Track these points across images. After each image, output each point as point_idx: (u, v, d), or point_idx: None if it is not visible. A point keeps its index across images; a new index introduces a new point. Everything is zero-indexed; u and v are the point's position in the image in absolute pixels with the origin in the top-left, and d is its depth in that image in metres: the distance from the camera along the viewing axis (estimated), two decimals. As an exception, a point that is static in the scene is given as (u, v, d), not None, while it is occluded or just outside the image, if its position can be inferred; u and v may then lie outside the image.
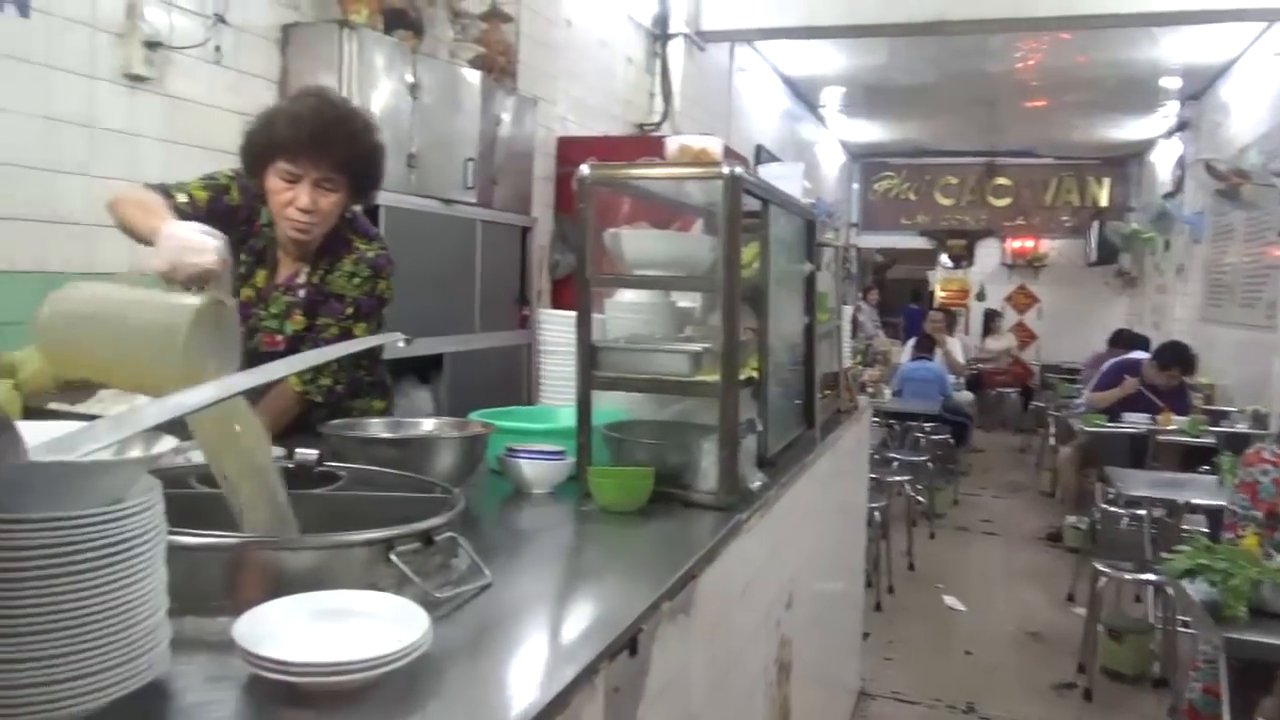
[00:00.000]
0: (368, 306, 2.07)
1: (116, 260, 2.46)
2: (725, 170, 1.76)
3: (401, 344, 1.44)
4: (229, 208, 2.02)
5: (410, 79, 3.36)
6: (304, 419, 2.02)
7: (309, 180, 1.93)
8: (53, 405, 1.96)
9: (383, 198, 3.18)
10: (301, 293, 2.04)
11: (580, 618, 1.26)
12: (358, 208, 2.17)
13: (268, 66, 3.03)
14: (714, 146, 1.99)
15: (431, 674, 0.99)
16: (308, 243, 2.02)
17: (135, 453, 0.95)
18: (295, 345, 2.04)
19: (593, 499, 1.73)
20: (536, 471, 1.83)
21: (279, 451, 1.70)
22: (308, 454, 1.57)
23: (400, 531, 1.20)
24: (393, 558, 1.16)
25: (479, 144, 3.77)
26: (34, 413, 1.78)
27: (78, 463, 0.86)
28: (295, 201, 1.93)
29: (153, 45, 2.53)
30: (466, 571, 1.28)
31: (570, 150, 4.98)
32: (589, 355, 1.87)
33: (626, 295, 2.26)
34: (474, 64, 3.91)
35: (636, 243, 1.99)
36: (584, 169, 1.86)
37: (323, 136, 1.91)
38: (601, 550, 1.59)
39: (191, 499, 1.32)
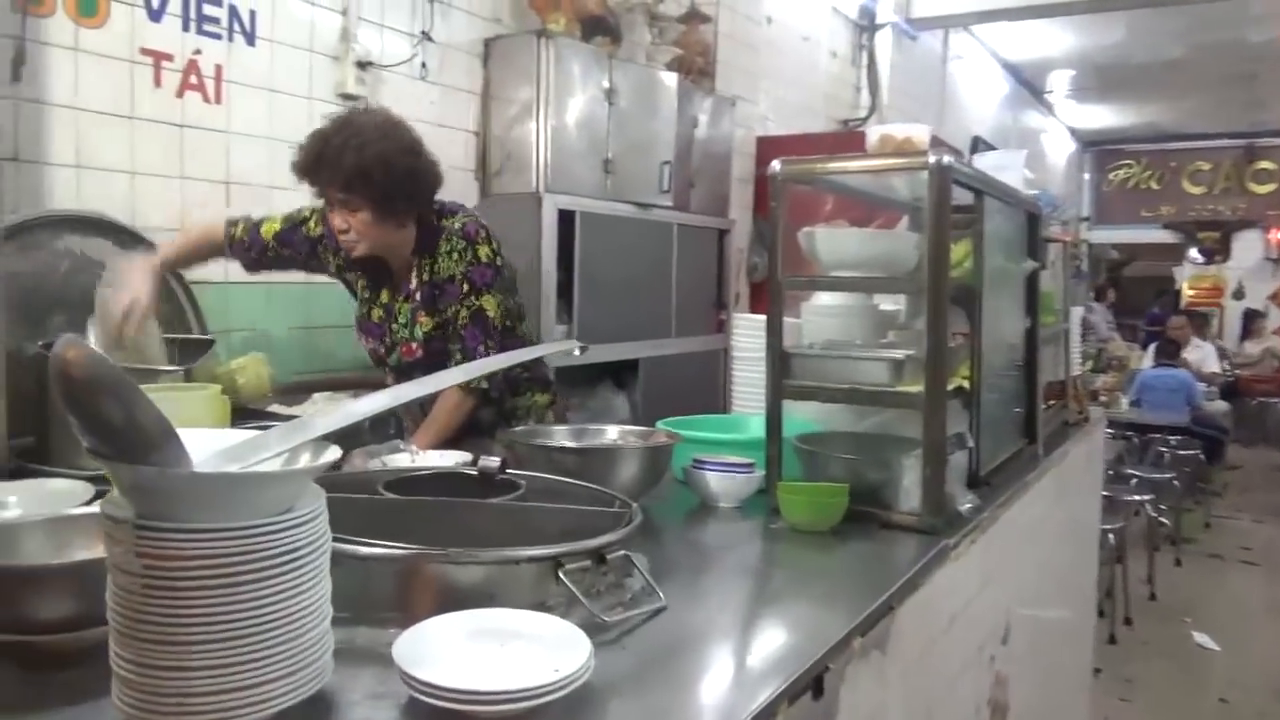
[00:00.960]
0: (480, 277, 2.05)
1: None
2: (932, 160, 1.59)
3: (576, 352, 1.39)
4: (308, 238, 2.13)
5: (606, 84, 3.37)
6: (476, 416, 2.04)
7: (335, 201, 1.98)
8: (272, 408, 2.09)
9: (577, 203, 3.21)
10: (418, 295, 2.07)
11: (760, 651, 1.16)
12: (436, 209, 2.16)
13: (470, 80, 3.13)
14: (920, 135, 1.82)
15: (592, 705, 0.92)
16: (367, 257, 2.05)
17: (304, 461, 0.95)
18: (431, 345, 2.06)
19: (781, 516, 1.61)
20: (723, 485, 1.74)
21: (464, 457, 1.72)
22: (491, 462, 1.57)
23: (570, 549, 1.14)
24: (561, 576, 1.11)
25: (675, 146, 3.73)
26: (252, 415, 1.89)
27: (243, 473, 0.86)
28: (333, 225, 2.00)
29: (364, 65, 2.67)
30: (640, 592, 1.20)
31: (769, 150, 4.86)
32: (780, 362, 1.76)
33: (823, 298, 2.13)
34: (671, 66, 3.88)
35: (832, 241, 1.85)
36: (776, 165, 1.75)
37: (319, 160, 1.94)
38: (789, 574, 1.47)
39: (376, 505, 1.33)
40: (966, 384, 1.81)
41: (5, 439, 1.55)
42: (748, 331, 2.35)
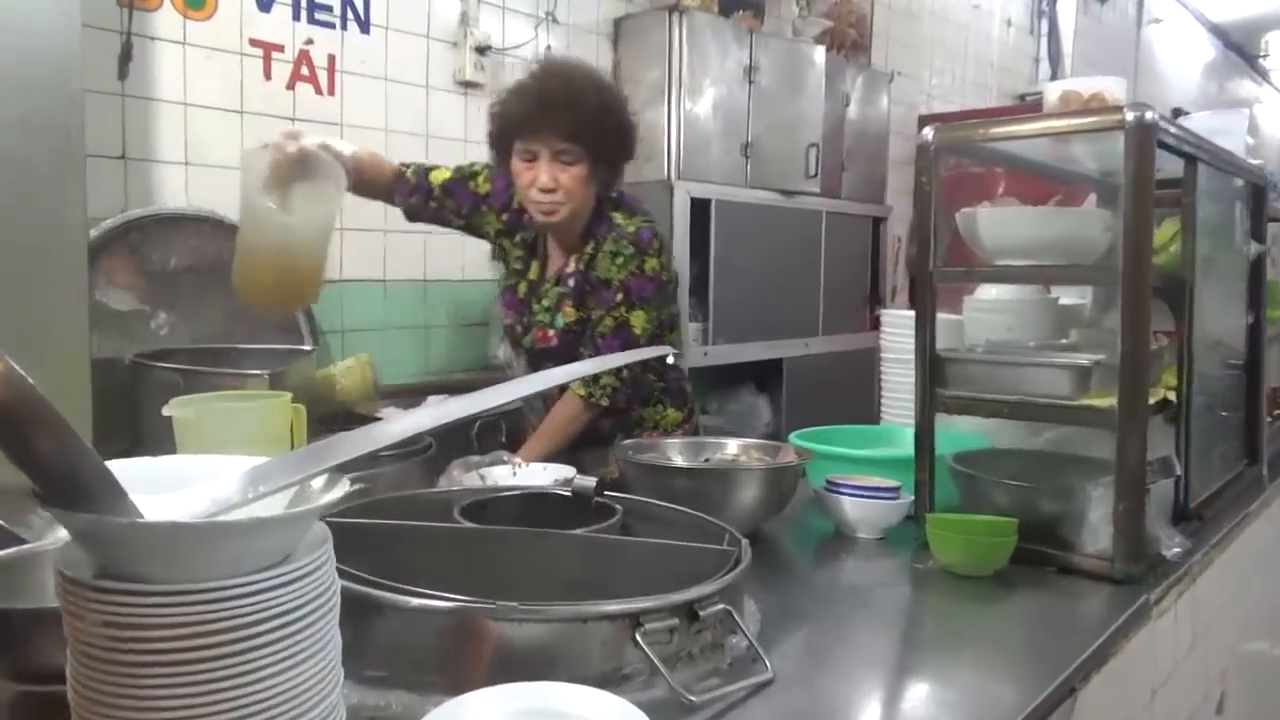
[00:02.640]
0: (639, 290, 1.82)
1: (449, 267, 2.51)
2: (1130, 116, 1.27)
3: (670, 359, 1.17)
4: (474, 194, 1.95)
5: (747, 62, 3.12)
6: (595, 426, 1.84)
7: (545, 155, 1.76)
8: (381, 412, 1.99)
9: (713, 191, 2.98)
10: (571, 282, 1.87)
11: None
12: (614, 194, 1.95)
13: (597, 61, 2.97)
14: (1113, 89, 1.48)
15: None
16: (559, 225, 1.84)
17: (314, 495, 0.78)
18: (568, 339, 1.87)
19: (932, 555, 1.34)
20: (861, 512, 1.48)
21: (566, 474, 1.54)
22: (586, 482, 1.37)
23: (652, 604, 0.93)
24: (639, 640, 0.89)
25: (824, 128, 3.44)
26: (351, 418, 1.79)
27: (202, 523, 0.69)
28: (536, 181, 1.77)
29: (483, 50, 2.55)
30: (744, 656, 0.98)
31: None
32: (932, 368, 1.49)
33: (990, 291, 1.83)
34: (820, 40, 3.59)
35: (997, 223, 1.55)
36: (928, 132, 1.47)
37: (548, 103, 1.75)
38: (939, 632, 1.20)
39: (448, 535, 1.16)
40: (1172, 396, 1.47)
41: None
42: (899, 330, 2.05)
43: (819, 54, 3.46)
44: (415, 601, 0.90)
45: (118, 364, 1.60)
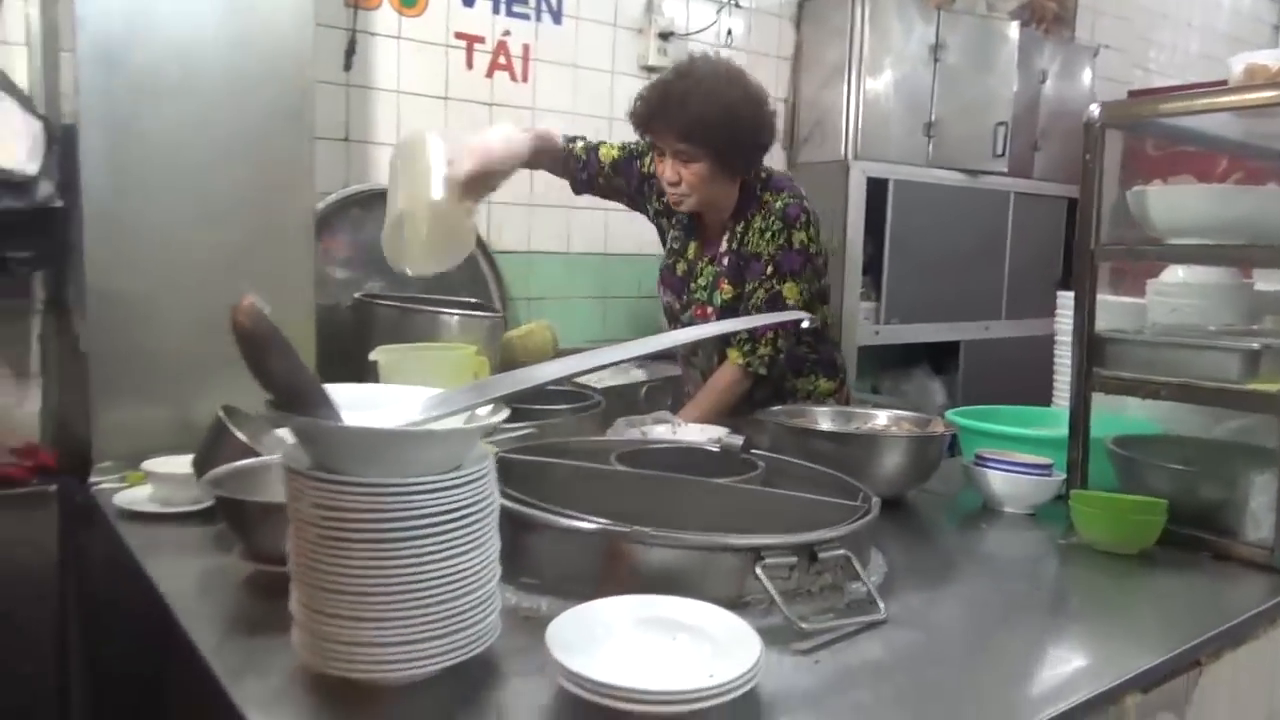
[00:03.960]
0: (788, 263, 1.89)
1: (628, 243, 2.64)
2: (1313, 88, 1.22)
3: (805, 324, 1.24)
4: (640, 173, 2.05)
5: (933, 40, 3.07)
6: (751, 395, 1.93)
7: (669, 154, 1.87)
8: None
9: (891, 170, 2.97)
10: (725, 261, 1.95)
11: (992, 693, 0.94)
12: (764, 175, 2.00)
13: (780, 45, 3.01)
14: (1305, 61, 1.41)
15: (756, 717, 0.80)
16: (700, 211, 1.96)
17: (481, 420, 0.92)
18: (724, 315, 1.95)
19: (1077, 533, 1.34)
20: (1007, 486, 1.49)
21: (717, 433, 1.64)
22: (734, 440, 1.47)
23: (773, 541, 1.02)
24: (759, 572, 0.99)
25: (1015, 106, 3.32)
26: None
27: (395, 430, 0.85)
28: (663, 175, 1.89)
29: (666, 35, 2.66)
30: (861, 600, 1.05)
31: (1144, 106, 4.17)
32: (1090, 347, 1.47)
33: (1178, 273, 1.76)
34: (1017, 15, 3.46)
35: (1169, 201, 1.51)
36: (1093, 109, 1.45)
37: (659, 108, 1.85)
38: (1070, 599, 1.22)
39: (604, 475, 1.29)
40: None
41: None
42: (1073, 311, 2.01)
43: (1012, 29, 3.34)
44: (564, 522, 1.03)
45: (336, 310, 1.85)
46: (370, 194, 2.15)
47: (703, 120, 1.82)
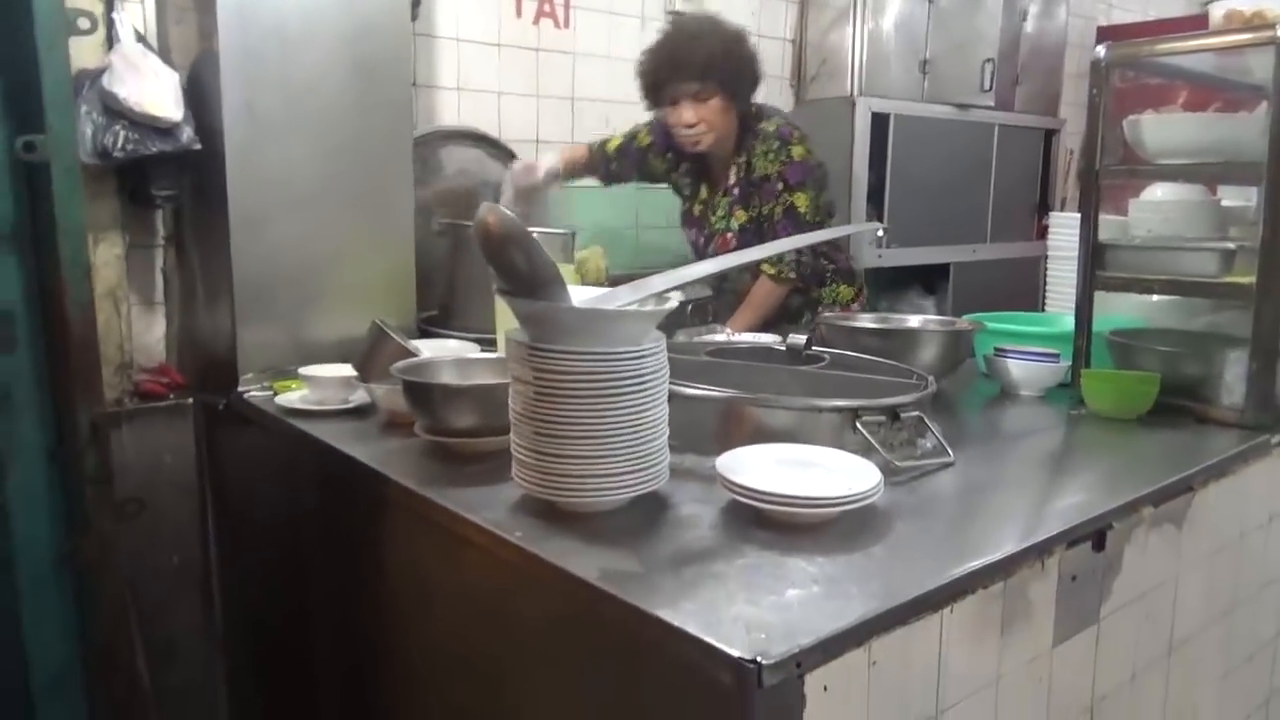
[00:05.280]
0: (793, 174, 2.18)
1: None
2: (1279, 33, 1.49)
3: (880, 233, 1.50)
4: (640, 149, 2.38)
5: (927, -18, 3.30)
6: (786, 304, 2.21)
7: (684, 98, 2.14)
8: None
9: (892, 106, 3.21)
10: (735, 191, 2.25)
11: (1041, 503, 1.24)
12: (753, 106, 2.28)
13: (790, -13, 3.22)
14: (1274, 9, 1.67)
15: (879, 524, 1.08)
16: (710, 150, 2.21)
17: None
18: (744, 239, 2.24)
19: (1085, 405, 1.63)
20: (1024, 373, 1.77)
21: (773, 338, 1.90)
22: (798, 338, 1.73)
23: (868, 403, 1.29)
24: (858, 426, 1.26)
25: (1000, 43, 3.57)
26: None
27: (610, 309, 1.10)
28: (681, 119, 2.16)
29: (687, -18, 2.87)
30: (931, 450, 1.33)
31: (1112, 39, 4.42)
32: (1094, 254, 1.75)
33: (1156, 192, 2.03)
34: (1000, -43, 3.67)
35: (1161, 129, 1.77)
36: (1100, 49, 1.71)
37: (669, 59, 2.13)
38: (1083, 451, 1.51)
39: (701, 364, 1.55)
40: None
41: (415, 311, 1.97)
42: (1066, 230, 2.28)
43: (999, -30, 3.56)
44: (690, 390, 1.29)
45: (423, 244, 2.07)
46: (435, 135, 2.35)
47: (711, 58, 2.11)
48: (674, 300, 1.15)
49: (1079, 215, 1.82)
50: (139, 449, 1.84)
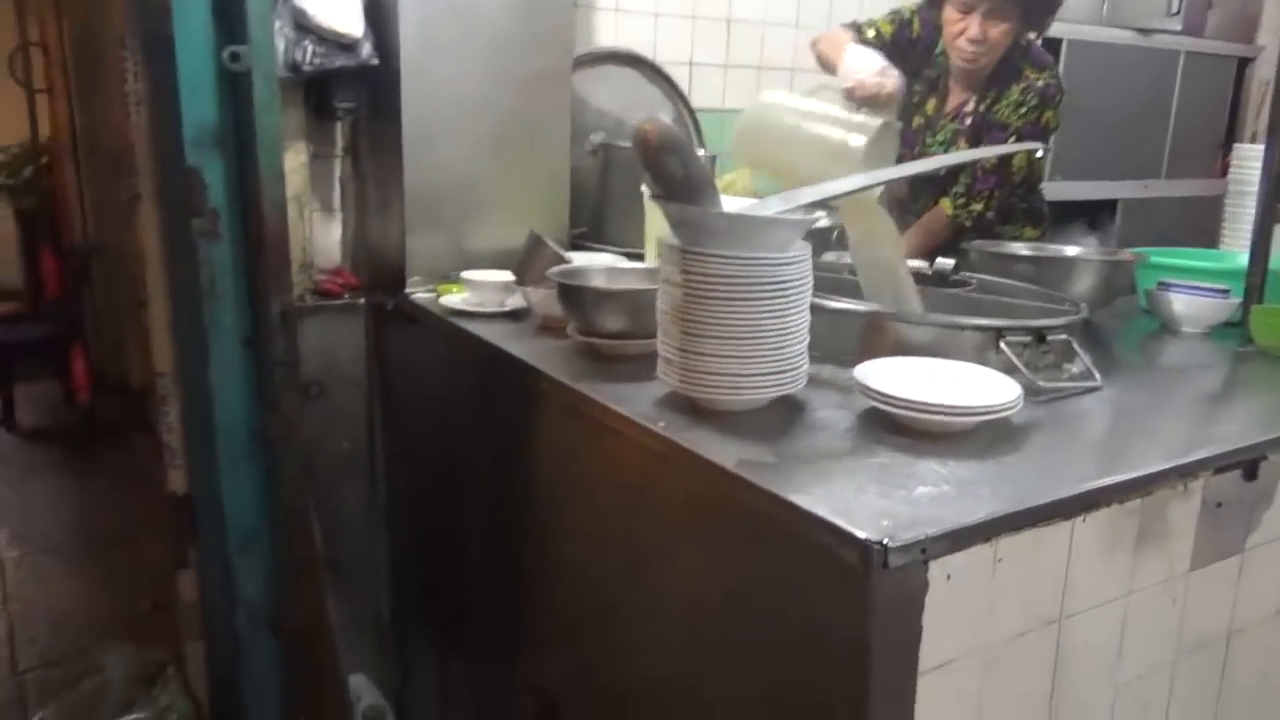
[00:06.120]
0: (1029, 135, 2.04)
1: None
2: None
3: (1039, 154, 1.46)
4: (910, 39, 2.18)
5: (1115, -105, 3.07)
6: (954, 244, 2.14)
7: (980, 10, 1.99)
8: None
9: (1065, 30, 3.04)
10: (968, 121, 2.11)
11: (1190, 429, 1.21)
12: (1032, 36, 2.15)
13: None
14: None
15: (1016, 436, 1.09)
16: (976, 71, 2.08)
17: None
18: (955, 173, 2.13)
19: (1253, 343, 1.56)
20: (1189, 307, 1.70)
21: (921, 263, 1.88)
22: (945, 263, 1.72)
23: (1011, 323, 1.28)
24: (1002, 345, 1.26)
25: (1193, -40, 3.30)
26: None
27: (759, 215, 1.14)
28: (966, 32, 2.01)
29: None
30: (1078, 375, 1.31)
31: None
32: (1275, 185, 1.64)
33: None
34: None
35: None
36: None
37: None
38: (1245, 386, 1.45)
39: (841, 280, 1.57)
40: None
41: (568, 225, 2.06)
42: (1250, 163, 2.14)
43: (1198, -121, 3.27)
44: (833, 304, 1.31)
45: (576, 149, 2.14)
46: (592, 56, 2.41)
47: None
48: (821, 214, 1.17)
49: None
50: (316, 343, 2.01)
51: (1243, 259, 1.73)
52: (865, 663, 0.84)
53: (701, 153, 2.02)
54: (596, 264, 1.61)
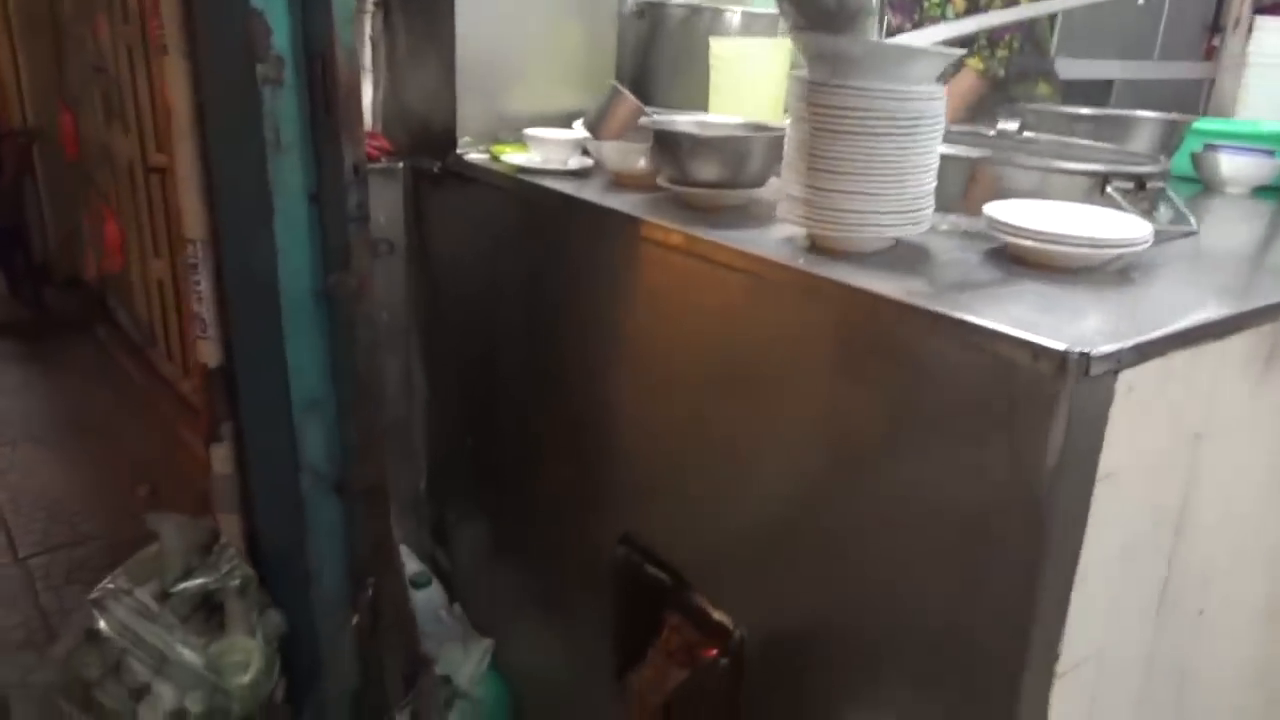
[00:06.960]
0: None
1: None
2: None
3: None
4: None
5: None
6: (983, 104, 2.16)
7: None
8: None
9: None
10: None
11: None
12: None
13: None
14: None
15: (1145, 271, 1.13)
16: None
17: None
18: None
19: (1302, 199, 1.63)
20: (1235, 167, 1.75)
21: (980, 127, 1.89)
22: (1010, 123, 1.73)
23: (1118, 169, 1.31)
24: (1109, 190, 1.28)
25: None
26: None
27: (897, 45, 1.13)
28: None
29: None
30: (1172, 220, 1.35)
31: None
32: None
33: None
34: None
35: None
36: None
37: None
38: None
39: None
40: None
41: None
42: (1274, 35, 2.18)
43: None
44: (951, 150, 1.32)
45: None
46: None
47: None
48: (958, 51, 1.17)
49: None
50: (353, 210, 1.95)
51: (1275, 125, 1.79)
52: (1052, 474, 0.87)
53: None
54: (682, 117, 1.58)
